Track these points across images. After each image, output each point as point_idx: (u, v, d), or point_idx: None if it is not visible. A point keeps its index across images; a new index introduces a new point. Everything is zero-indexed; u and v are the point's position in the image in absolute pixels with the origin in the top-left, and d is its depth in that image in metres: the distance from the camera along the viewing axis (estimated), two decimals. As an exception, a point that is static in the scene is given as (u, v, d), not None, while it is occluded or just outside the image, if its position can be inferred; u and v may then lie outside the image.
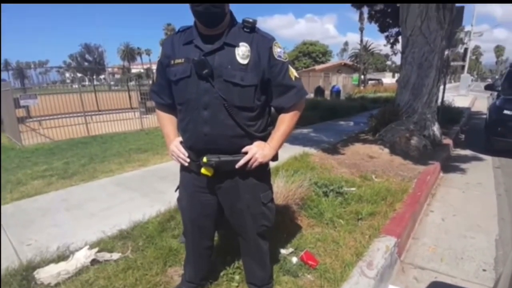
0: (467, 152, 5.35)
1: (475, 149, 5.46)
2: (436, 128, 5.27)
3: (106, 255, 1.98)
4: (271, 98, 1.30)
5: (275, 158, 1.35)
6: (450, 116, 7.53)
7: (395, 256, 2.16)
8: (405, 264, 2.19)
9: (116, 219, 2.50)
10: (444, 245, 2.41)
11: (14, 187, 3.50)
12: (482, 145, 5.50)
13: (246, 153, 1.26)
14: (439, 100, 6.18)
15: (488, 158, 4.91)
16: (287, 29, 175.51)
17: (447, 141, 5.49)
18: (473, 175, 4.10)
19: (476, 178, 3.96)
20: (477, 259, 2.21)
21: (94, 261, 1.92)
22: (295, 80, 1.28)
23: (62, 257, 1.97)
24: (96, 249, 2.01)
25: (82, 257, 1.92)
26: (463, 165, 4.52)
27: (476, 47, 76.12)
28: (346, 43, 75.43)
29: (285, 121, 1.30)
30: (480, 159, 4.89)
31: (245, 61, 1.18)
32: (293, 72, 1.29)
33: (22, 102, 6.77)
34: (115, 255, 1.99)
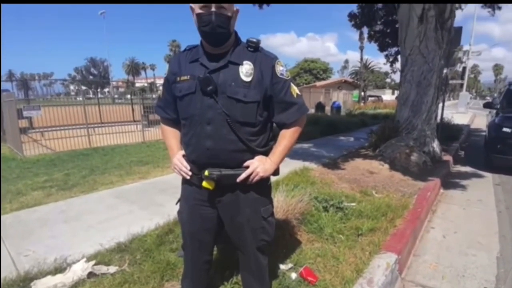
0: (467, 169, 5.35)
1: (475, 166, 5.46)
2: (435, 145, 5.29)
3: (103, 268, 1.97)
4: (273, 114, 1.33)
5: (276, 172, 1.36)
6: (449, 133, 7.57)
7: (396, 273, 2.13)
8: (406, 282, 2.16)
9: (114, 232, 2.49)
10: (445, 262, 2.38)
11: (14, 197, 3.50)
12: (482, 162, 5.51)
13: (247, 167, 1.27)
14: (439, 117, 6.24)
15: (488, 175, 4.91)
16: (289, 47, 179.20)
17: (447, 157, 5.49)
18: (474, 192, 4.08)
19: (476, 195, 3.95)
20: (479, 277, 2.18)
21: (90, 274, 1.90)
22: (297, 97, 1.32)
23: (59, 269, 1.96)
24: (93, 262, 2.00)
25: (79, 269, 1.91)
26: (463, 182, 4.51)
27: (475, 66, 77.23)
28: (346, 61, 76.69)
29: (287, 137, 1.33)
30: (480, 176, 4.89)
31: (248, 79, 1.22)
32: (295, 90, 1.32)
33: (25, 113, 6.83)
34: (112, 269, 1.97)
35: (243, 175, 1.26)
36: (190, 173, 1.32)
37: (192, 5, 1.19)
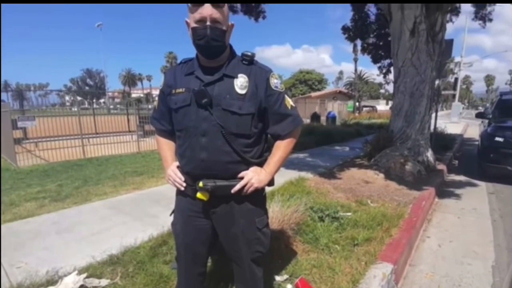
0: (461, 178, 5.39)
1: (468, 175, 5.51)
2: (429, 154, 5.35)
3: (95, 281, 1.93)
4: (267, 125, 1.34)
5: (271, 183, 1.37)
6: (443, 142, 7.66)
7: (392, 284, 2.12)
8: (403, 292, 2.15)
9: (107, 244, 2.45)
10: (441, 272, 2.37)
11: (6, 208, 3.44)
12: (476, 171, 5.56)
13: (242, 178, 1.27)
14: (432, 127, 6.32)
15: (482, 184, 4.95)
16: (284, 58, 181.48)
17: (441, 166, 5.54)
18: (468, 201, 4.11)
19: (471, 204, 3.97)
20: (475, 286, 2.18)
21: (82, 287, 1.86)
22: (291, 109, 1.33)
23: (51, 282, 1.92)
24: (85, 275, 1.96)
25: (71, 282, 1.87)
26: (457, 191, 4.54)
27: (467, 77, 78.87)
28: (341, 72, 77.72)
29: (281, 148, 1.34)
30: (474, 185, 4.92)
31: (243, 91, 1.24)
32: (289, 101, 1.34)
33: (19, 124, 6.79)
34: (104, 282, 1.94)
35: (237, 186, 1.26)
36: (184, 184, 1.32)
37: (188, 20, 1.21)
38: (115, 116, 11.94)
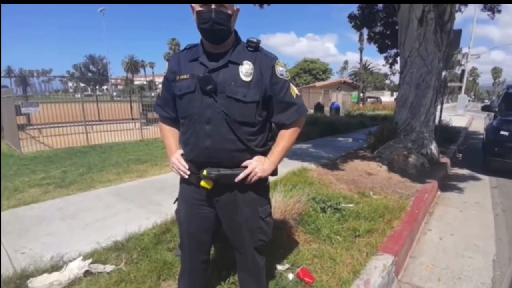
0: (465, 172, 5.37)
1: (472, 168, 5.48)
2: (433, 147, 5.31)
3: (100, 267, 1.96)
4: (272, 114, 1.33)
5: (274, 173, 1.36)
6: (447, 135, 7.60)
7: (393, 275, 2.14)
8: (403, 284, 2.17)
9: (111, 230, 2.48)
10: (441, 264, 2.39)
11: (11, 194, 3.49)
12: (479, 164, 5.53)
13: (246, 167, 1.27)
14: (437, 119, 6.26)
15: (485, 178, 4.93)
16: (289, 46, 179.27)
17: (445, 160, 5.51)
18: (471, 195, 4.10)
19: (473, 198, 3.97)
20: (475, 279, 2.19)
21: (87, 273, 1.89)
22: (296, 98, 1.32)
23: (55, 267, 1.95)
24: (90, 260, 2.00)
25: (76, 268, 1.90)
26: (460, 184, 4.52)
27: (474, 69, 77.69)
28: (346, 62, 76.87)
29: (285, 137, 1.33)
30: (477, 179, 4.91)
31: (248, 79, 1.22)
32: (294, 90, 1.32)
33: (23, 110, 6.80)
34: (109, 267, 1.97)
35: (241, 175, 1.25)
36: (188, 172, 1.32)
37: (193, 4, 1.18)
38: (118, 104, 11.93)
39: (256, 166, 1.27)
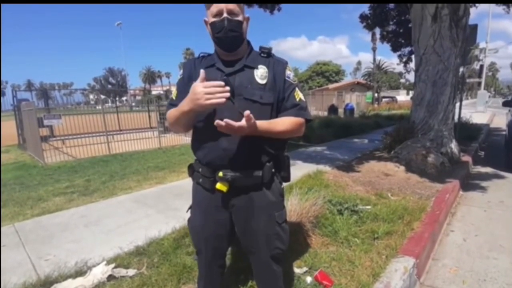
0: (488, 170, 5.17)
1: (495, 166, 5.27)
2: (453, 145, 5.15)
3: (122, 271, 2.02)
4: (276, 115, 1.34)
5: (287, 179, 1.40)
6: (468, 133, 7.35)
7: (414, 278, 2.09)
8: (425, 287, 2.12)
9: (133, 235, 2.56)
10: (466, 266, 2.31)
11: (35, 203, 3.65)
12: (503, 162, 5.32)
13: (259, 170, 1.29)
14: (456, 117, 6.08)
15: (509, 176, 4.72)
16: (300, 50, 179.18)
17: (466, 158, 5.33)
18: (495, 194, 3.94)
19: (497, 197, 3.81)
20: (500, 281, 2.11)
21: (110, 277, 1.96)
22: (299, 101, 1.33)
23: (79, 273, 2.02)
24: (113, 265, 2.06)
25: (99, 272, 1.97)
26: (483, 183, 4.36)
27: (492, 64, 74.73)
28: (359, 62, 75.95)
29: (282, 119, 1.28)
30: (501, 177, 4.71)
31: (263, 81, 1.27)
32: (299, 94, 1.34)
33: (46, 122, 7.10)
34: (131, 271, 2.03)
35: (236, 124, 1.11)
36: (228, 88, 1.13)
37: (206, 18, 1.24)
38: (137, 113, 12.26)
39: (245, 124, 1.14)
